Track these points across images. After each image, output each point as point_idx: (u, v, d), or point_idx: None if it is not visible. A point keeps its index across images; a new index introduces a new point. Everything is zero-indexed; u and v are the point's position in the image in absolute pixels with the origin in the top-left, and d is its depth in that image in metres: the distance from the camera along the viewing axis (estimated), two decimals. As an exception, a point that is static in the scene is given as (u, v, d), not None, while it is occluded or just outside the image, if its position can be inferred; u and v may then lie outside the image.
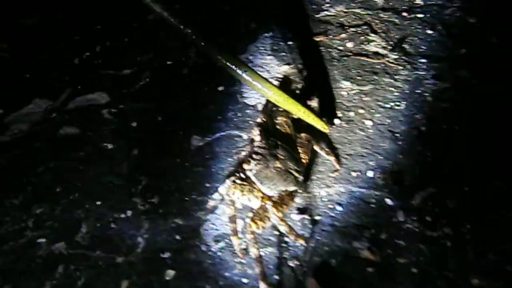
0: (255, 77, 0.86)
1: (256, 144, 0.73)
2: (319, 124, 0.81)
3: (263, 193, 0.70)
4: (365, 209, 0.76)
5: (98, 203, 0.76)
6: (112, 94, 0.91)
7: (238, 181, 0.71)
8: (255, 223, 0.66)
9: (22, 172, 0.80)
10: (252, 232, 0.65)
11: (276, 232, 0.73)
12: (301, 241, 0.70)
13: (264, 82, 0.84)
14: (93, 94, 0.92)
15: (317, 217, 0.75)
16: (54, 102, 0.90)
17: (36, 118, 0.88)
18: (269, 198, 0.70)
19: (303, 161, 0.76)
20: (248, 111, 0.89)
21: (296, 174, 0.72)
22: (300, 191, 0.74)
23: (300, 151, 0.77)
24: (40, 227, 0.73)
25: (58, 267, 0.69)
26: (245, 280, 0.68)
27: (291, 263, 0.70)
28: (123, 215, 0.75)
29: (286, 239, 0.72)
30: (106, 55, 1.00)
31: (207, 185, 0.79)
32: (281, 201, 0.69)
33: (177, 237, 0.73)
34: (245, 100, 0.91)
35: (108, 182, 0.79)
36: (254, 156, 0.71)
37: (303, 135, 0.79)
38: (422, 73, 0.94)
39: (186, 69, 0.96)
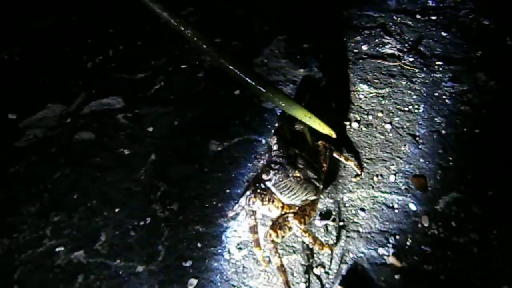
0: (255, 79, 0.83)
1: (274, 153, 0.70)
2: (325, 130, 0.78)
3: (283, 203, 0.68)
4: (388, 215, 0.73)
5: (117, 210, 0.73)
6: (127, 98, 0.88)
7: (258, 191, 0.68)
8: (275, 232, 0.63)
9: (39, 179, 0.77)
10: (273, 241, 0.62)
11: (299, 239, 0.70)
12: (327, 250, 0.67)
13: (267, 85, 0.81)
14: (108, 98, 0.89)
15: (340, 223, 0.72)
16: (69, 107, 0.87)
17: (51, 123, 0.85)
18: (290, 208, 0.67)
19: (323, 168, 0.73)
20: (266, 115, 0.86)
21: (316, 183, 0.68)
22: (322, 197, 0.71)
23: (319, 158, 0.74)
24: (58, 235, 0.70)
25: (77, 276, 0.66)
26: (270, 289, 0.65)
27: (316, 271, 0.67)
28: (142, 223, 0.72)
29: (310, 246, 0.69)
30: (119, 59, 0.97)
31: (227, 191, 0.76)
32: (303, 212, 0.66)
33: (199, 244, 0.70)
34: (263, 104, 0.88)
35: (126, 188, 0.76)
36: (272, 166, 0.68)
37: (320, 142, 0.76)
38: (439, 75, 0.91)
39: (201, 73, 0.93)
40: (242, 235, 0.71)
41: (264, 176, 0.67)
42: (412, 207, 0.73)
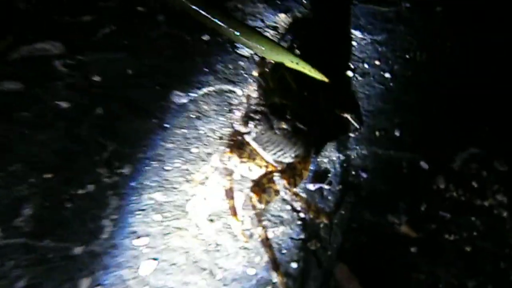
0: (234, 25, 0.69)
1: (254, 101, 0.54)
2: (318, 75, 0.62)
3: (267, 161, 0.51)
4: (395, 175, 0.57)
5: (48, 176, 0.54)
6: (68, 43, 0.69)
7: (235, 146, 0.51)
8: (257, 195, 0.46)
9: None
10: (254, 207, 0.45)
11: (288, 207, 0.53)
12: (323, 219, 0.50)
13: (243, 27, 0.69)
14: (43, 42, 0.69)
15: (338, 187, 0.56)
16: (-9, 53, 0.67)
17: (-34, 72, 0.65)
18: (276, 167, 0.50)
19: (315, 120, 0.57)
20: (241, 62, 0.68)
21: (308, 137, 0.53)
22: (314, 155, 0.55)
23: (309, 109, 0.57)
24: (-36, 209, 0.51)
25: (-11, 263, 0.47)
26: (251, 271, 0.49)
27: (311, 246, 0.51)
28: (82, 191, 0.53)
29: (302, 215, 0.53)
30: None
31: (194, 150, 0.58)
32: (293, 171, 0.50)
33: (157, 217, 0.52)
34: (238, 51, 0.70)
35: (62, 149, 0.57)
36: (252, 115, 0.51)
37: (309, 91, 0.60)
38: (440, 21, 0.76)
39: (162, 16, 0.74)
40: (214, 204, 0.53)
41: (242, 129, 0.50)
42: (424, 165, 0.58)
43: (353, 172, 0.57)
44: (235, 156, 0.50)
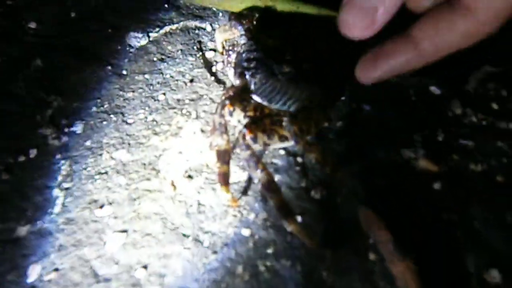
0: None
1: (244, 48, 0.42)
2: (323, 12, 0.52)
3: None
4: (404, 104, 0.48)
5: (-22, 145, 0.42)
6: (-7, -12, 0.55)
7: (235, 97, 0.40)
8: (251, 133, 0.36)
9: None
10: (249, 147, 0.35)
11: (282, 152, 0.43)
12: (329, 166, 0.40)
13: None
14: (-39, -10, 0.55)
15: (339, 123, 0.46)
16: None
17: None
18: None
19: (317, 55, 0.46)
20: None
21: (316, 75, 0.43)
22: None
23: (308, 45, 0.47)
24: None
25: None
26: (245, 232, 0.38)
27: (316, 195, 0.40)
28: (23, 158, 0.41)
29: (299, 159, 0.42)
30: None
31: (161, 97, 0.47)
32: (307, 116, 0.40)
33: (121, 180, 0.41)
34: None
35: (-6, 112, 0.44)
36: (245, 65, 0.41)
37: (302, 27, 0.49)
38: None
39: None
40: (192, 157, 0.42)
41: (238, 83, 0.39)
42: (435, 90, 0.48)
43: (354, 106, 0.47)
44: (237, 110, 0.39)
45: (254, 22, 0.48)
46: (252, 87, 0.40)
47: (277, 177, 0.41)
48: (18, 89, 0.46)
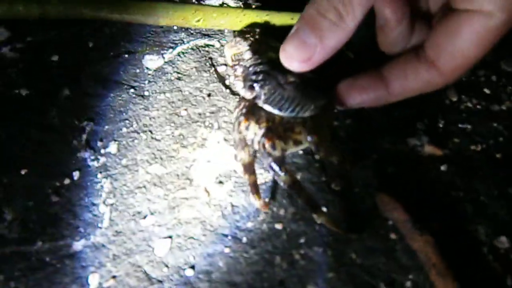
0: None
1: (249, 62, 0.46)
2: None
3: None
4: (405, 97, 0.52)
5: (24, 172, 0.46)
6: (11, 27, 0.59)
7: (248, 112, 0.44)
8: (270, 140, 0.40)
9: None
10: (270, 154, 0.39)
11: (301, 152, 0.48)
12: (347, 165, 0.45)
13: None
14: (-17, 31, 0.59)
15: (347, 121, 0.50)
16: None
17: None
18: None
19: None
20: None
21: (322, 82, 0.45)
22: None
23: None
24: None
25: (-24, 282, 0.40)
26: (278, 226, 0.43)
27: (335, 187, 0.45)
28: (67, 181, 0.46)
29: (316, 157, 0.47)
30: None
31: (183, 113, 0.51)
32: (317, 124, 0.43)
33: (159, 192, 0.45)
34: (205, 2, 0.63)
35: (33, 141, 0.49)
36: (253, 78, 0.44)
37: None
38: None
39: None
40: (220, 164, 0.47)
41: (248, 95, 0.43)
42: (431, 81, 0.53)
43: (360, 103, 0.52)
44: (252, 123, 0.43)
45: (257, 37, 0.52)
46: (262, 97, 0.43)
47: (299, 175, 0.46)
48: (52, 119, 0.51)
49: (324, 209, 0.43)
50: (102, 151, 0.48)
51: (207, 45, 0.58)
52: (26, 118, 0.51)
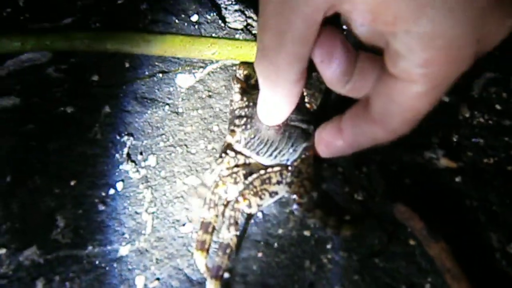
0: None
1: (236, 105, 0.50)
2: None
3: (266, 168, 0.47)
4: (420, 113, 0.56)
5: (72, 183, 0.51)
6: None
7: (226, 172, 0.47)
8: (245, 199, 0.44)
9: (-50, 167, 0.53)
10: (237, 210, 0.44)
11: (325, 165, 0.52)
12: (347, 232, 0.46)
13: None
14: (28, 53, 0.64)
15: (368, 135, 0.54)
16: (-24, 73, 0.62)
17: (-46, 96, 0.60)
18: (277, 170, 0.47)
19: (309, 105, 0.51)
20: (237, 35, 0.66)
21: (305, 125, 0.48)
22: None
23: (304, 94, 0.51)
24: (-6, 234, 0.47)
25: (35, 283, 0.45)
26: (307, 233, 0.47)
27: (358, 196, 0.49)
28: (112, 191, 0.50)
29: (339, 169, 0.51)
30: (34, 8, 0.72)
31: (215, 128, 0.56)
32: (299, 176, 0.46)
33: (196, 201, 0.50)
34: (230, 25, 0.68)
35: (79, 154, 0.54)
36: (237, 122, 0.47)
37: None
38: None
39: (145, 4, 0.71)
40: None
41: (229, 139, 0.46)
42: (445, 98, 0.57)
43: (379, 118, 0.56)
44: (230, 186, 0.45)
45: (243, 79, 0.54)
46: (243, 142, 0.46)
47: (324, 186, 0.50)
48: (95, 134, 0.55)
49: (347, 217, 0.47)
50: (143, 163, 0.53)
51: (234, 65, 0.63)
52: (72, 134, 0.56)
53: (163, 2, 0.71)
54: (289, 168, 0.46)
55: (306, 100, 0.51)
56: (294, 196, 0.44)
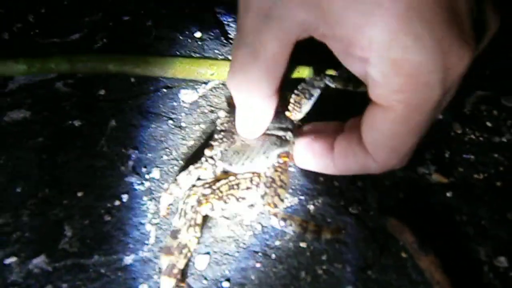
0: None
1: (220, 121, 0.52)
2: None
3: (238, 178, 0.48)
4: (414, 130, 0.59)
5: (80, 194, 0.54)
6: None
7: (200, 182, 0.49)
8: (207, 202, 0.45)
9: (-38, 177, 0.55)
10: (198, 212, 0.46)
11: (322, 178, 0.54)
12: (327, 235, 0.46)
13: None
14: (39, 68, 0.67)
15: (363, 150, 0.57)
16: (-12, 87, 0.65)
17: (-33, 110, 0.63)
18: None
19: (289, 113, 0.50)
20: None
21: (281, 133, 0.48)
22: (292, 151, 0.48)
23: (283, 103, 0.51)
24: (4, 242, 0.50)
25: (44, 290, 0.47)
26: (303, 245, 0.49)
27: (353, 210, 0.52)
28: (117, 202, 0.53)
29: (335, 183, 0.54)
30: (43, 23, 0.75)
31: (217, 143, 0.58)
32: (271, 185, 0.46)
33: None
34: (232, 41, 0.71)
35: (86, 167, 0.56)
36: (216, 136, 0.50)
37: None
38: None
39: (150, 21, 0.74)
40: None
41: (208, 153, 0.48)
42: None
43: (374, 134, 0.59)
44: (215, 202, 0.45)
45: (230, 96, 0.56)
46: (219, 155, 0.48)
47: (320, 199, 0.52)
48: (102, 147, 0.58)
49: (343, 230, 0.50)
50: (147, 176, 0.55)
51: (236, 81, 0.65)
52: (79, 147, 0.58)
53: (167, 19, 0.74)
54: (261, 174, 0.46)
55: (290, 107, 0.50)
56: (268, 208, 0.44)
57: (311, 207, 0.52)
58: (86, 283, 0.47)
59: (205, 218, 0.48)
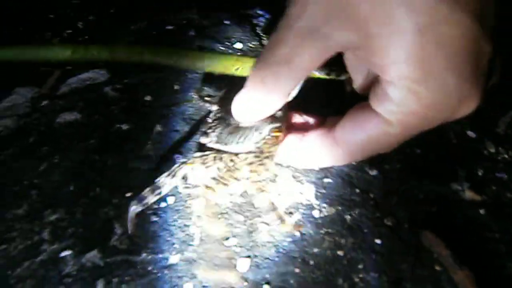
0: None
1: (212, 114, 0.56)
2: None
3: (235, 153, 0.51)
4: (447, 147, 0.61)
5: (128, 194, 0.57)
6: (111, 69, 0.72)
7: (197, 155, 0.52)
8: (210, 189, 0.50)
9: (21, 175, 0.59)
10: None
11: (357, 190, 0.57)
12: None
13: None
14: (88, 72, 0.72)
15: (397, 165, 0.59)
16: (41, 89, 0.70)
17: (23, 110, 0.67)
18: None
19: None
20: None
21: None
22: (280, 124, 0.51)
23: None
24: (60, 237, 0.53)
25: (96, 283, 0.50)
26: (340, 253, 0.52)
27: (387, 222, 0.54)
28: (164, 204, 0.56)
29: (371, 195, 0.56)
30: (91, 30, 0.79)
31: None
32: (260, 152, 0.50)
33: (239, 218, 0.55)
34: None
35: (133, 169, 0.60)
36: (210, 124, 0.53)
37: None
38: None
39: (192, 31, 0.78)
40: (289, 198, 0.56)
41: (202, 140, 0.52)
42: (471, 134, 0.62)
43: (408, 150, 0.61)
44: (197, 164, 0.49)
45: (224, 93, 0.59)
46: (215, 138, 0.51)
47: (357, 210, 0.55)
48: (148, 151, 0.62)
49: (378, 241, 0.52)
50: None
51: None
52: (127, 149, 0.62)
53: (209, 30, 0.78)
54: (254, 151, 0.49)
55: None
56: (252, 176, 0.48)
57: (348, 217, 0.54)
58: (134, 279, 0.51)
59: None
